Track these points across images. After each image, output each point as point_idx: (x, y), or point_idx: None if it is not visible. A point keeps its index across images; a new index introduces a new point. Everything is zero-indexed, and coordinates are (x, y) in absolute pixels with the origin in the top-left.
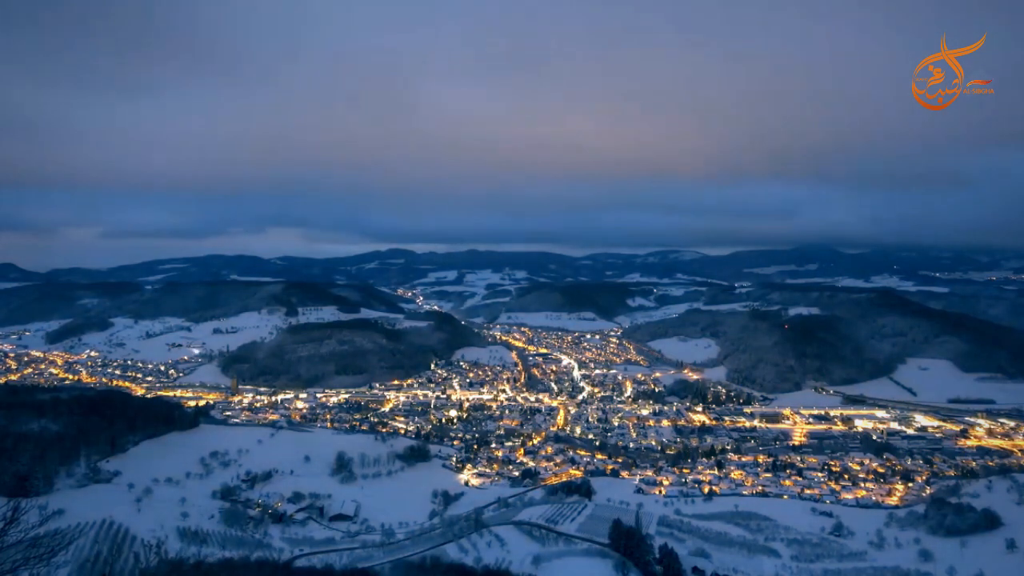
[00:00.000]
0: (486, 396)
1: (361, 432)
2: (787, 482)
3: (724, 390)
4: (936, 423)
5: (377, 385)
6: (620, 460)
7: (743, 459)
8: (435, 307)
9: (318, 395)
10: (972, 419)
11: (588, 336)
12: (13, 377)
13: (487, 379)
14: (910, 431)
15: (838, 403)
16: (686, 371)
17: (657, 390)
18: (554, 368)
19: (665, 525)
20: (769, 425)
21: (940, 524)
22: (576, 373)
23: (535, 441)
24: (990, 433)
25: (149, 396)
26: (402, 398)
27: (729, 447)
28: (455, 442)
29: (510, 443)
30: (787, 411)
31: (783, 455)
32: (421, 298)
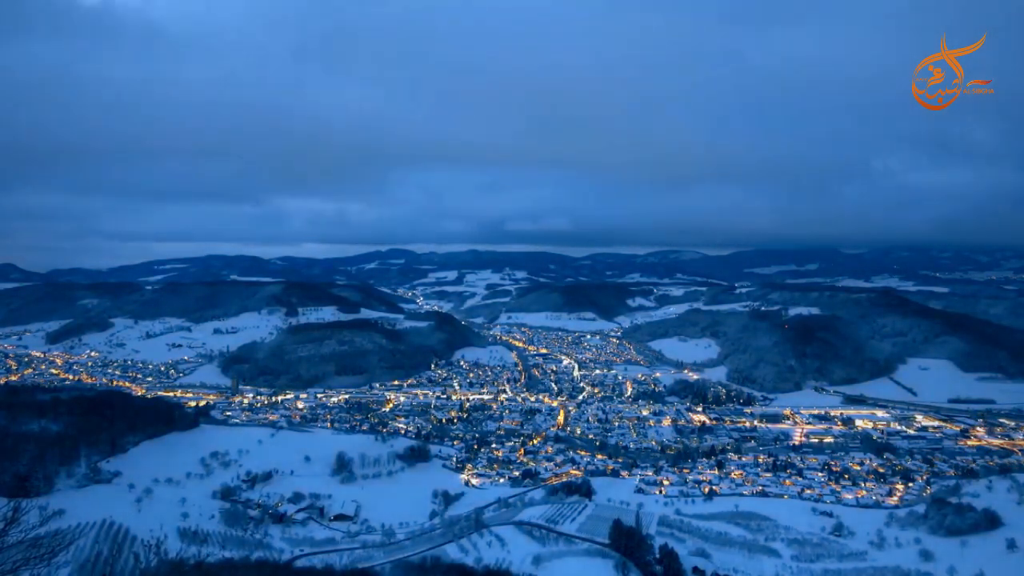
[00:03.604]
0: (486, 396)
1: (361, 432)
2: (787, 482)
3: (724, 390)
4: (936, 423)
5: (377, 385)
6: (620, 460)
7: (743, 459)
8: (435, 307)
9: (318, 395)
10: (972, 419)
11: (588, 336)
12: (13, 377)
13: (487, 379)
14: (910, 431)
15: (838, 403)
16: (686, 371)
17: (657, 390)
18: (554, 368)
19: (665, 525)
20: (769, 425)
21: (940, 524)
22: (576, 373)
23: (535, 441)
24: (990, 433)
25: (149, 396)
26: (402, 398)
27: (729, 447)
28: (455, 442)
29: (510, 443)
30: (787, 411)
31: (783, 455)
32: (421, 298)
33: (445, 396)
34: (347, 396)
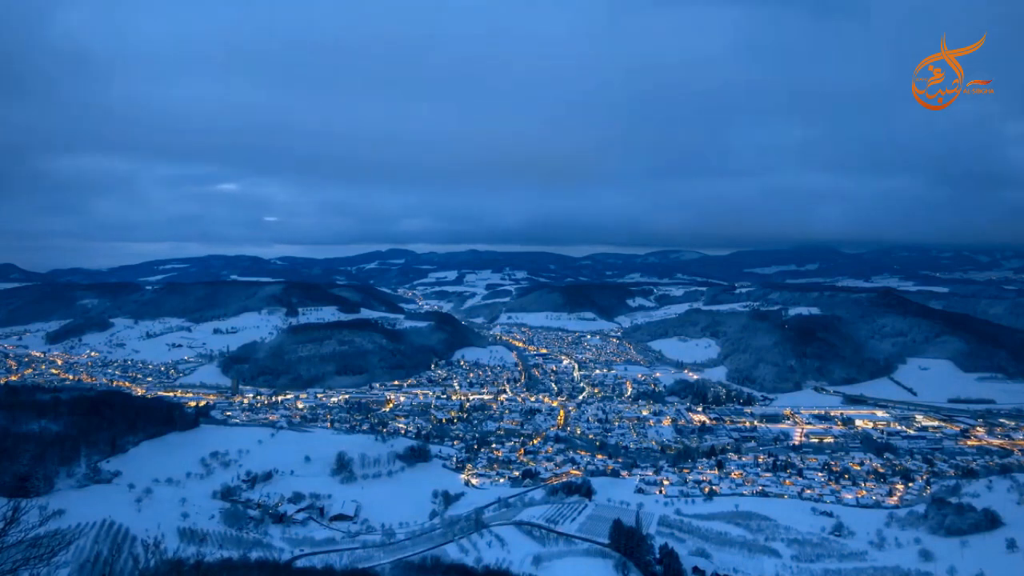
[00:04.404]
0: (486, 396)
1: (361, 432)
2: (787, 482)
3: (724, 390)
4: (936, 423)
5: (377, 385)
6: (620, 460)
7: (743, 459)
8: (435, 307)
9: (318, 395)
10: (972, 419)
11: (588, 336)
12: (13, 378)
13: (487, 379)
14: (910, 431)
15: (838, 403)
16: (686, 371)
17: (657, 390)
18: (554, 368)
19: (665, 525)
20: (769, 425)
21: (940, 524)
22: (576, 373)
23: (535, 441)
24: (990, 433)
25: (149, 396)
26: (402, 398)
27: (729, 447)
28: (455, 442)
29: (510, 443)
30: (787, 411)
31: (783, 455)
32: (421, 298)
33: (445, 396)
34: (347, 396)
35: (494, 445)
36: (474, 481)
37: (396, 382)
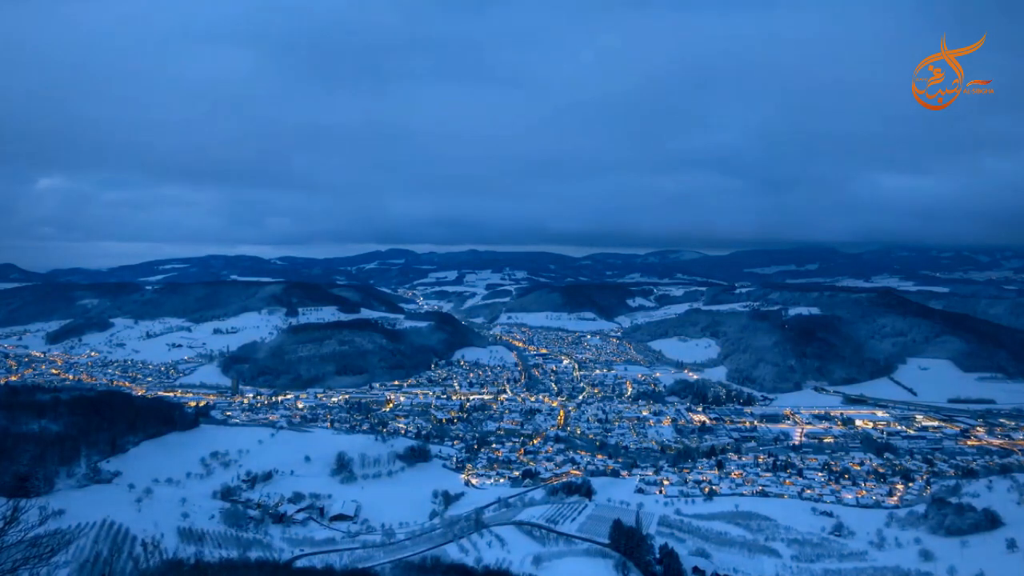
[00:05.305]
0: (486, 396)
1: (361, 432)
2: (787, 482)
3: (724, 390)
4: (936, 423)
5: (377, 385)
6: (620, 460)
7: (743, 459)
8: (435, 307)
9: (318, 395)
10: (972, 419)
11: (588, 336)
12: (13, 378)
13: (487, 379)
14: (910, 431)
15: (838, 403)
16: (686, 371)
17: (657, 390)
18: (554, 368)
19: (665, 525)
20: (769, 425)
21: (940, 524)
22: (576, 373)
23: (535, 441)
24: (990, 433)
25: (149, 396)
26: (402, 398)
27: (729, 447)
28: (455, 442)
29: (510, 443)
30: (787, 411)
31: (783, 455)
32: (421, 298)
33: (445, 396)
34: (347, 396)
35: (494, 445)
36: (474, 481)
37: (396, 382)
